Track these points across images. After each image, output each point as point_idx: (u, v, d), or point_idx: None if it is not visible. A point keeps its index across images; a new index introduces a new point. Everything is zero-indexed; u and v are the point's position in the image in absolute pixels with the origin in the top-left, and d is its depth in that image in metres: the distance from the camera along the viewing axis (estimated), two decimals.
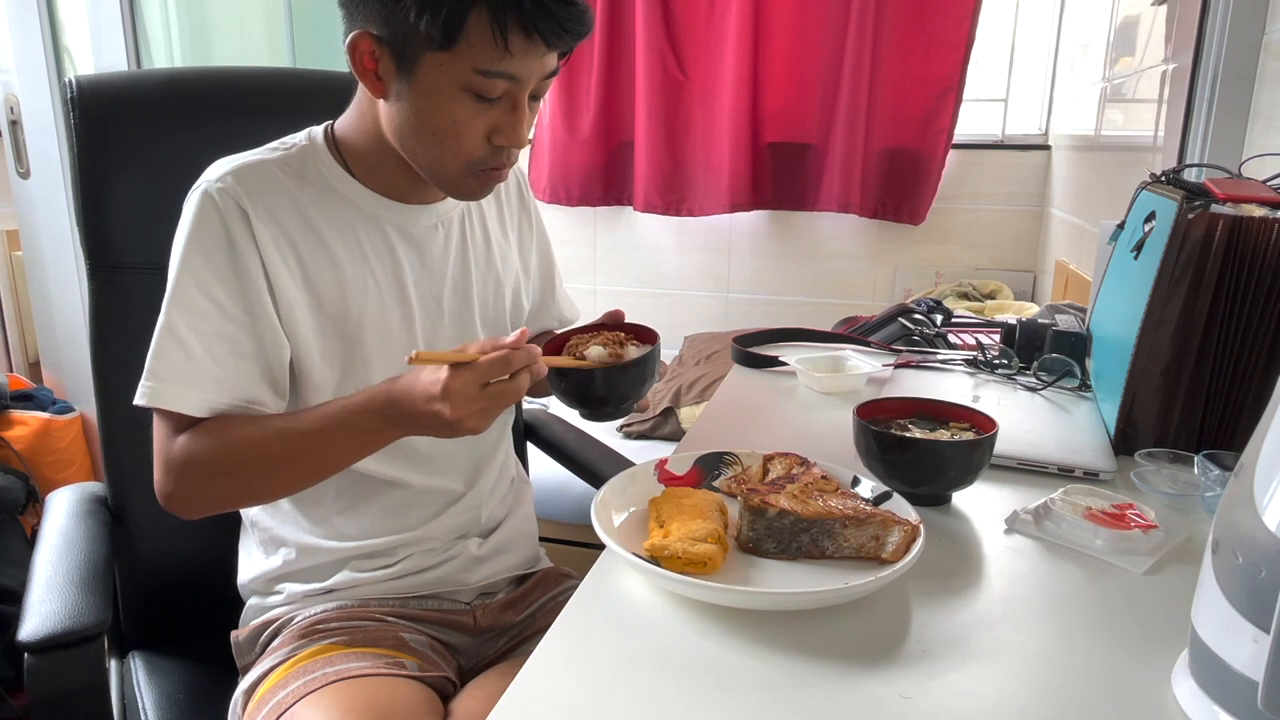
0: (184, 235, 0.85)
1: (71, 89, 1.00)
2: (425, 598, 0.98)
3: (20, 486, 1.86)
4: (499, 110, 0.82)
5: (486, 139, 0.84)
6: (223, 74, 1.16)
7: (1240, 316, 0.89)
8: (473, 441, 1.02)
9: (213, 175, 0.86)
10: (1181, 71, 1.48)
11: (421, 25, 0.76)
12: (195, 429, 0.83)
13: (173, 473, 0.83)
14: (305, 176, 0.90)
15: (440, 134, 0.82)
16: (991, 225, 2.74)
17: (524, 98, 0.83)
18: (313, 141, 0.92)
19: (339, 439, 0.82)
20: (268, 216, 0.86)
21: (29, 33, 1.98)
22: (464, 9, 0.76)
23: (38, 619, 0.81)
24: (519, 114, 0.83)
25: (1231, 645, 0.51)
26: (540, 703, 0.56)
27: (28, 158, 2.04)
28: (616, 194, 2.93)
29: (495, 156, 0.85)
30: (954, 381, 1.22)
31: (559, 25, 0.78)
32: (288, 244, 0.87)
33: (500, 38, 0.77)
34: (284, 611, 0.95)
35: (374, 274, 0.91)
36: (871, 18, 2.53)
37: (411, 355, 0.72)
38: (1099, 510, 0.79)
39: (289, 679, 0.85)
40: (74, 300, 2.06)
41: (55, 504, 1.06)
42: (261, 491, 0.88)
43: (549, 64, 0.83)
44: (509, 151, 0.86)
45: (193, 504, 0.85)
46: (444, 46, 0.77)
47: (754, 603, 0.66)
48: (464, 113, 0.81)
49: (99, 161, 1.02)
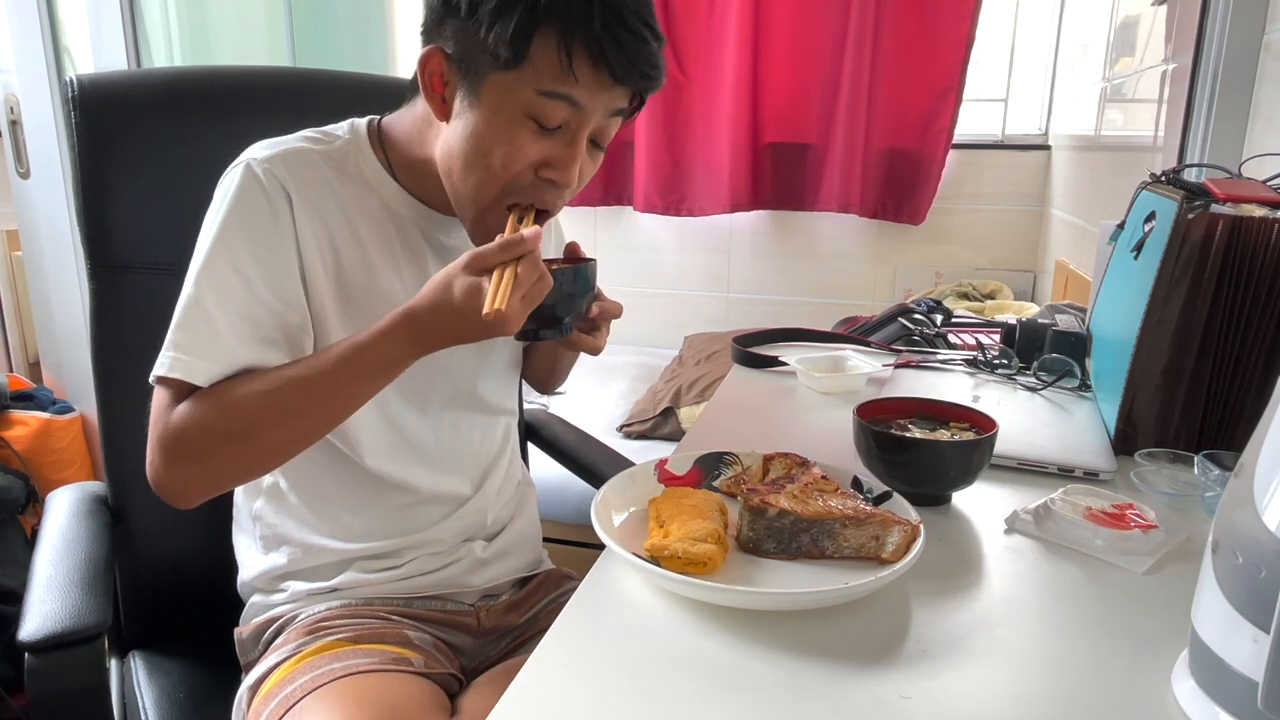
0: (223, 208, 0.82)
1: (72, 88, 1.00)
2: (429, 598, 0.98)
3: (20, 486, 1.86)
4: (555, 142, 0.81)
5: (534, 170, 0.82)
6: (224, 73, 1.16)
7: (1240, 316, 0.89)
8: (479, 443, 1.02)
9: (258, 154, 0.84)
10: (1181, 71, 1.48)
11: (490, 39, 0.75)
12: (193, 396, 0.79)
13: (170, 448, 0.78)
14: (345, 170, 0.89)
15: (491, 156, 0.80)
16: (991, 225, 2.74)
17: (583, 133, 0.81)
18: (355, 135, 0.91)
19: (360, 373, 0.79)
20: (310, 204, 0.85)
21: (29, 33, 1.98)
22: (533, 24, 0.75)
23: (38, 619, 0.81)
24: (574, 149, 0.81)
25: (1231, 645, 0.51)
26: (540, 703, 0.56)
27: (28, 158, 2.04)
28: (616, 194, 2.94)
29: (536, 191, 0.83)
30: (954, 381, 1.22)
31: (627, 58, 0.76)
32: (326, 236, 0.86)
33: (565, 58, 0.75)
34: (288, 609, 0.94)
35: (402, 278, 0.90)
36: (871, 18, 2.53)
37: None
38: (1099, 510, 0.79)
39: (295, 674, 0.84)
40: (74, 300, 2.06)
41: (55, 504, 1.06)
42: (275, 450, 0.82)
43: (615, 100, 0.80)
44: (555, 190, 0.84)
45: (194, 482, 0.80)
46: (510, 65, 0.76)
47: (754, 603, 0.66)
48: (521, 137, 0.79)
49: (99, 161, 1.01)
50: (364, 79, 1.22)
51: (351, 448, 0.92)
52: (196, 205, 0.88)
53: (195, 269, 0.81)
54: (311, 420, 0.81)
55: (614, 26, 0.75)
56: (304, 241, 0.84)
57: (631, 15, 0.76)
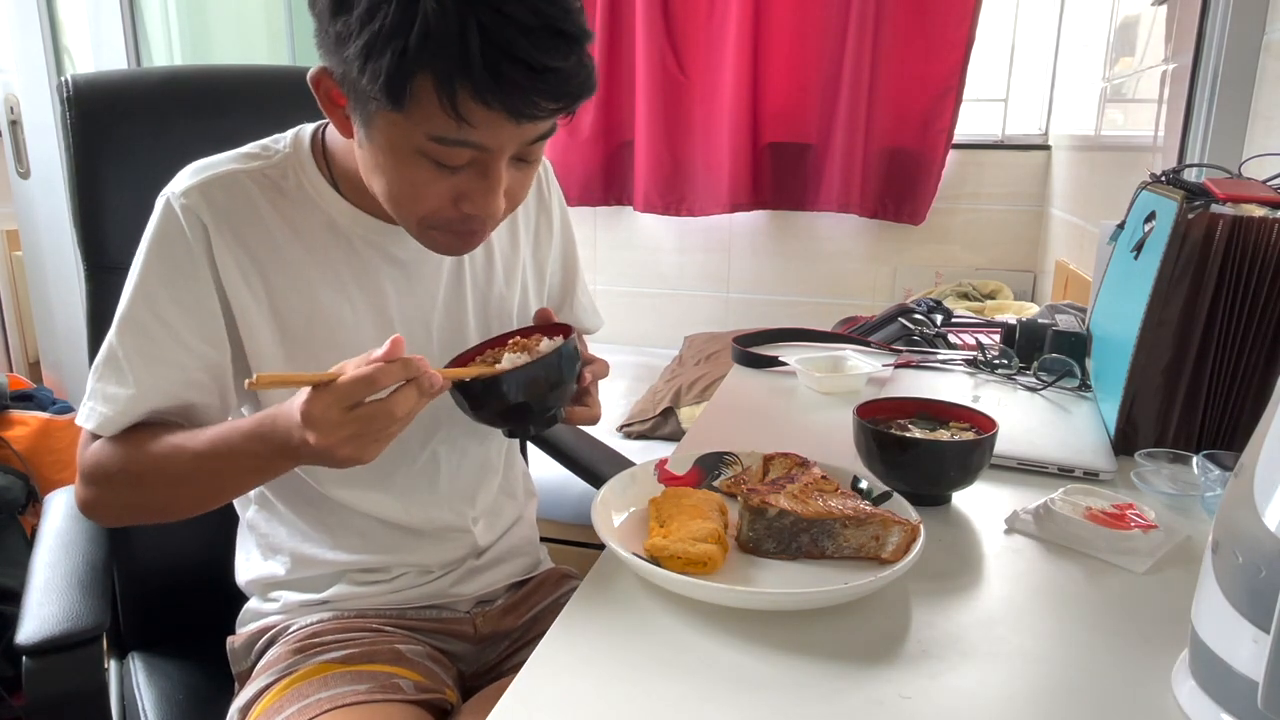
0: (143, 249, 0.80)
1: (68, 88, 0.99)
2: (423, 608, 0.96)
3: (20, 486, 1.86)
4: (466, 176, 0.72)
5: (453, 203, 0.74)
6: (219, 72, 1.15)
7: (1240, 316, 0.89)
8: (459, 471, 0.95)
9: (178, 186, 0.80)
10: (1181, 71, 1.48)
11: (364, 81, 0.65)
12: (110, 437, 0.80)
13: (84, 476, 0.80)
14: (283, 190, 0.83)
15: (398, 196, 0.74)
16: (991, 225, 2.74)
17: (497, 165, 0.72)
18: (298, 148, 0.85)
19: (229, 465, 0.75)
20: (231, 236, 0.80)
21: (29, 33, 1.98)
22: (405, 70, 0.64)
23: (36, 622, 0.81)
24: (490, 182, 0.72)
25: (1231, 645, 0.51)
26: (540, 703, 0.56)
27: (28, 158, 2.04)
28: (616, 194, 2.94)
29: (465, 222, 0.75)
30: (954, 381, 1.22)
31: (523, 96, 0.65)
32: (253, 266, 0.81)
33: (450, 109, 0.65)
34: (280, 620, 0.93)
35: (350, 300, 0.85)
36: (871, 18, 2.53)
37: (250, 380, 0.63)
38: (1099, 510, 0.79)
39: (284, 703, 0.82)
40: (74, 300, 2.06)
41: (54, 505, 1.06)
42: (168, 507, 0.82)
43: (524, 133, 0.70)
44: (481, 220, 0.75)
45: (107, 512, 0.83)
46: (394, 108, 0.66)
47: (754, 602, 0.66)
48: (422, 176, 0.71)
49: (95, 161, 1.01)
50: None
51: (308, 471, 0.88)
52: None
53: (118, 315, 0.80)
54: (196, 491, 0.79)
55: (499, 62, 0.63)
56: (226, 275, 0.80)
57: (521, 42, 0.63)
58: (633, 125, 2.81)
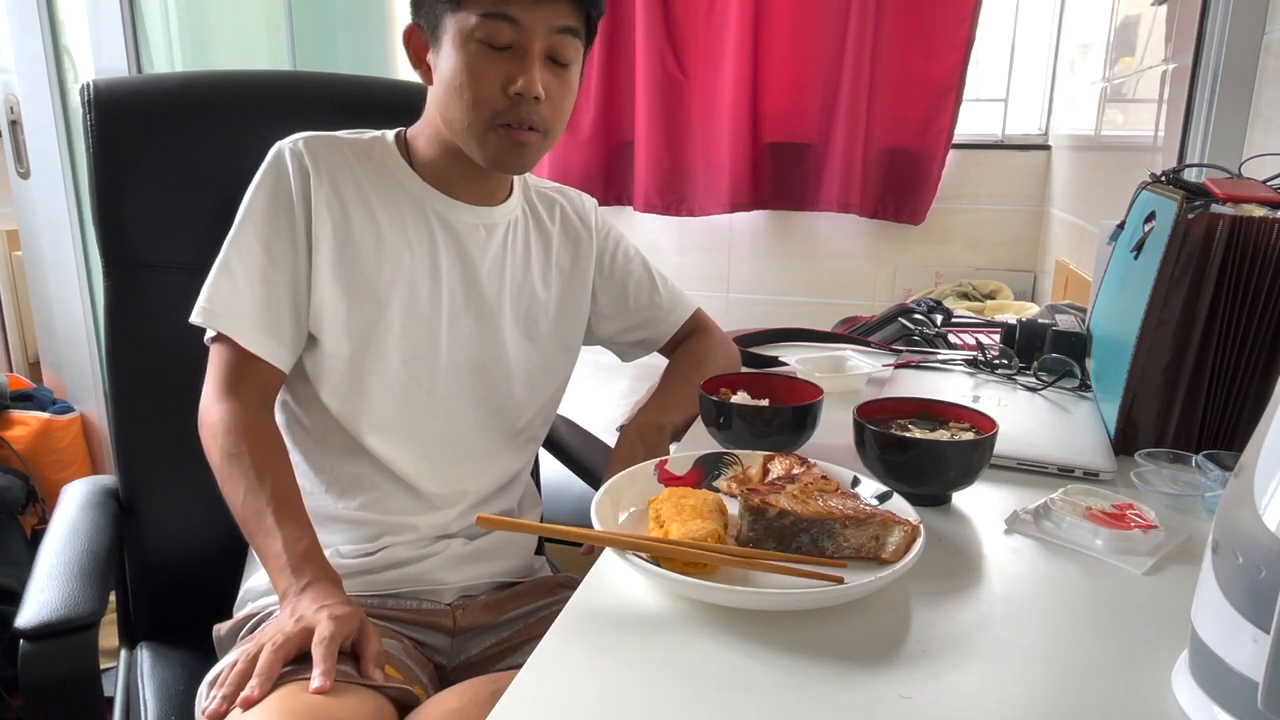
0: (254, 185, 0.98)
1: (88, 91, 1.04)
2: (403, 596, 0.97)
3: (20, 486, 1.86)
4: (510, 59, 0.92)
5: (503, 90, 0.92)
6: (235, 78, 1.19)
7: (1240, 316, 0.89)
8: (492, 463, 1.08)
9: (290, 139, 0.99)
10: (1181, 71, 1.48)
11: None
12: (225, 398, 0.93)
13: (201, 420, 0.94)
14: (370, 158, 1.02)
15: (462, 87, 0.93)
16: (991, 225, 2.74)
17: (533, 47, 0.92)
18: (384, 137, 1.04)
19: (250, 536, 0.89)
20: (327, 180, 0.98)
21: (29, 33, 1.99)
22: None
23: (35, 607, 0.83)
24: (528, 61, 0.92)
25: (1231, 645, 0.51)
26: (540, 703, 0.56)
27: (28, 158, 2.04)
28: (616, 194, 2.94)
29: (514, 110, 0.93)
30: (954, 381, 1.22)
31: None
32: (339, 206, 0.98)
33: None
34: (265, 603, 0.95)
35: (410, 248, 1.00)
36: (871, 18, 2.53)
37: None
38: (1099, 510, 0.79)
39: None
40: (74, 300, 2.06)
41: (67, 496, 1.09)
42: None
43: (554, 16, 0.92)
44: (529, 107, 0.93)
45: None
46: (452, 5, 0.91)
47: (754, 603, 0.66)
48: (478, 61, 0.92)
49: (115, 162, 1.06)
50: (374, 83, 1.26)
51: (344, 418, 0.99)
52: (207, 205, 0.91)
53: (228, 237, 0.96)
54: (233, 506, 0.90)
55: None
56: (317, 213, 0.97)
57: None
58: (633, 125, 2.81)
